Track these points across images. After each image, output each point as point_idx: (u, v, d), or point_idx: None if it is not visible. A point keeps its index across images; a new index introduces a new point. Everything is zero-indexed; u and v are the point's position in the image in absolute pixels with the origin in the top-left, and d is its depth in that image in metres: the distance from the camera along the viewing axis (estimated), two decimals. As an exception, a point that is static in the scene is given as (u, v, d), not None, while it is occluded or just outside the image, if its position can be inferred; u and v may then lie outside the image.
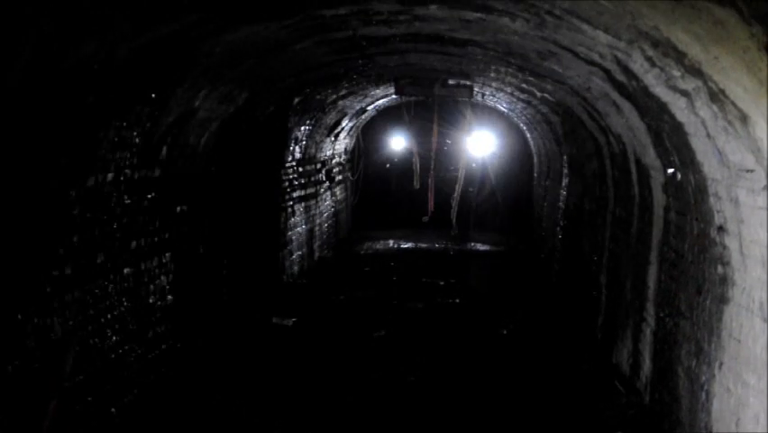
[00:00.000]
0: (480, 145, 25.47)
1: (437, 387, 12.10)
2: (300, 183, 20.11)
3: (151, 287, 11.13)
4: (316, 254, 22.57)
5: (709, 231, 7.93)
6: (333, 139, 23.10)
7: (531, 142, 24.61)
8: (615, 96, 9.90)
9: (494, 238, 26.75)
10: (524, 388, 12.03)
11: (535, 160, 25.06)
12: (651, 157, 10.02)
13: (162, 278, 11.46)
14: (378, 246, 25.93)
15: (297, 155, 19.45)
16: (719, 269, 7.66)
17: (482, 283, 20.42)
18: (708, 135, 7.19)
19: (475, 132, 24.01)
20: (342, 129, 23.61)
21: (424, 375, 12.59)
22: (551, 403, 11.41)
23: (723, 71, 6.04)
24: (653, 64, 7.46)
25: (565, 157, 18.58)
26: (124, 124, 9.42)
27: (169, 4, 7.49)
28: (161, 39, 8.30)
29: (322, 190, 23.05)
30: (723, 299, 7.55)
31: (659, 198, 10.18)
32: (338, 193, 25.46)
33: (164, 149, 10.92)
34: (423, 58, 14.07)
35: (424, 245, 25.94)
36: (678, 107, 7.66)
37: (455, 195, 23.23)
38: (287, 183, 18.62)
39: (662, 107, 8.12)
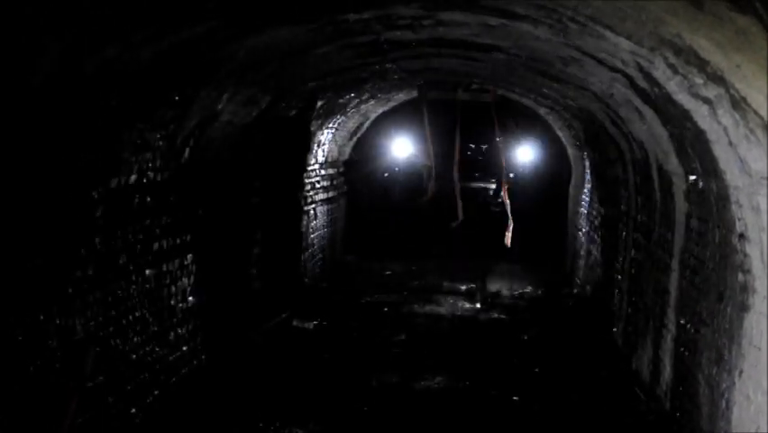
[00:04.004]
0: (509, 150, 25.04)
1: (457, 392, 12.10)
2: (323, 186, 20.13)
3: (173, 288, 11.18)
4: (338, 257, 22.58)
5: (731, 238, 7.91)
6: (354, 143, 23.10)
7: (568, 150, 23.55)
8: (637, 102, 9.88)
9: (518, 244, 26.50)
10: (544, 393, 12.01)
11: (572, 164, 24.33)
12: (673, 164, 10.00)
13: (184, 279, 11.51)
14: (399, 251, 25.87)
15: (320, 158, 19.48)
16: (740, 277, 7.64)
17: (504, 288, 20.39)
18: (730, 143, 7.18)
19: (504, 135, 23.65)
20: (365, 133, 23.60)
21: (443, 380, 12.59)
22: (571, 408, 11.39)
23: (745, 79, 6.03)
24: (675, 71, 7.45)
25: (587, 162, 18.55)
26: (148, 126, 9.47)
27: (193, 8, 7.53)
28: (185, 42, 8.34)
29: (344, 194, 23.06)
30: (744, 307, 7.53)
31: (681, 205, 10.15)
32: (359, 197, 25.42)
33: (187, 151, 10.97)
34: (446, 62, 14.06)
35: (445, 257, 25.80)
36: (700, 115, 7.65)
37: (501, 198, 22.76)
38: (309, 186, 18.65)
39: (685, 114, 8.11)
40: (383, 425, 10.79)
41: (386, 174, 26.26)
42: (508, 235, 20.37)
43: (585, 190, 19.34)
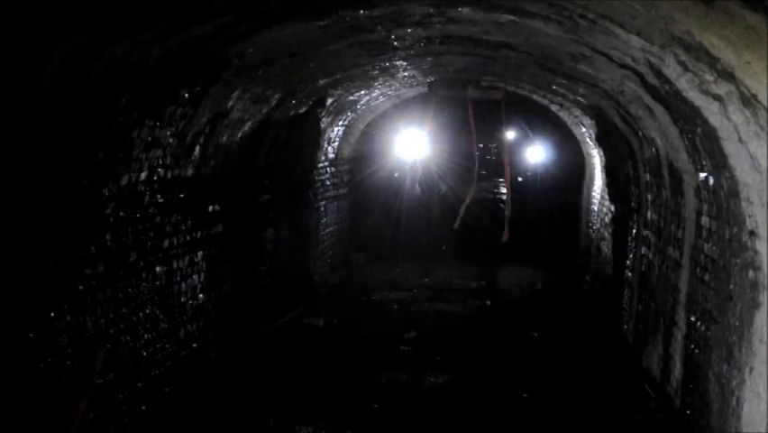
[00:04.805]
0: (520, 147, 24.88)
1: (467, 389, 12.10)
2: (333, 183, 20.14)
3: (183, 286, 11.20)
4: (347, 254, 22.56)
5: (741, 235, 7.90)
6: (364, 140, 23.06)
7: (581, 146, 23.02)
8: (648, 99, 9.87)
9: (529, 241, 26.35)
10: (554, 390, 12.00)
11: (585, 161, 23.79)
12: (683, 161, 9.98)
13: (194, 277, 11.53)
14: (409, 249, 25.80)
15: (330, 155, 19.48)
16: (750, 273, 7.62)
17: (514, 286, 20.37)
18: (741, 140, 7.17)
19: (513, 132, 23.51)
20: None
21: (453, 378, 12.59)
22: (581, 406, 11.38)
23: (755, 76, 6.02)
24: (685, 68, 7.44)
25: (598, 160, 18.52)
26: (158, 123, 9.48)
27: (201, 5, 7.53)
28: (194, 40, 8.35)
29: (353, 191, 23.03)
30: (754, 304, 7.52)
31: (691, 202, 10.13)
32: (369, 194, 25.37)
33: (197, 149, 10.98)
34: (456, 59, 14.06)
35: (455, 254, 25.66)
36: (710, 112, 7.64)
37: (506, 199, 22.50)
38: (319, 183, 18.65)
39: (695, 111, 8.10)
40: (393, 422, 10.79)
41: (396, 174, 26.15)
42: (506, 232, 20.27)
43: (596, 188, 19.32)
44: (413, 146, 25.26)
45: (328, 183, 19.67)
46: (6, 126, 6.80)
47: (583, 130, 18.90)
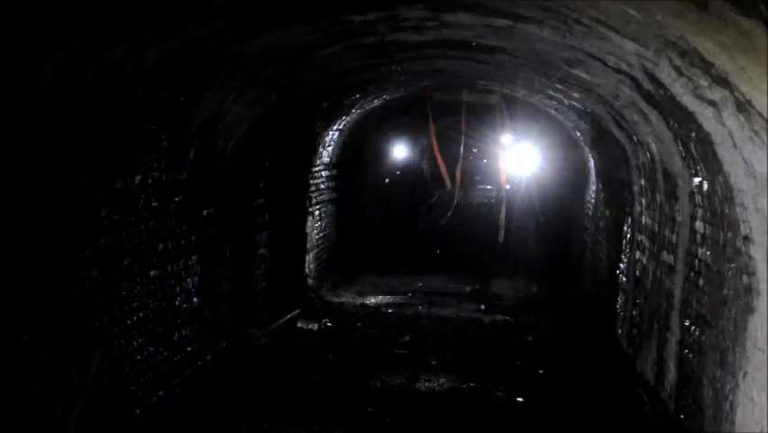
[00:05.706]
0: (514, 151, 24.73)
1: (462, 393, 12.10)
2: (328, 187, 20.12)
3: (177, 289, 11.18)
4: (342, 258, 22.54)
5: (735, 241, 7.90)
6: (358, 144, 23.02)
7: (576, 150, 22.60)
8: (642, 104, 9.88)
9: (523, 246, 26.29)
10: (548, 394, 12.00)
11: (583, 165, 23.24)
12: (678, 166, 9.99)
13: (188, 280, 11.51)
14: (404, 253, 25.79)
15: (325, 159, 19.46)
16: (744, 279, 7.63)
17: (509, 290, 20.36)
18: (735, 145, 7.18)
19: (510, 136, 23.40)
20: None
21: (447, 381, 12.59)
22: (575, 410, 11.38)
23: (749, 81, 6.03)
24: (680, 73, 7.45)
25: (593, 164, 18.52)
26: (153, 126, 9.47)
27: (199, 7, 7.53)
28: (191, 42, 8.35)
29: (347, 195, 23.01)
30: (748, 309, 7.52)
31: (685, 207, 10.14)
32: (364, 198, 25.37)
33: (192, 152, 10.97)
34: (451, 64, 14.06)
35: (449, 259, 25.64)
36: (705, 117, 7.64)
37: (503, 204, 22.42)
38: (314, 187, 18.63)
39: (689, 116, 8.10)
40: (387, 426, 10.78)
41: (386, 180, 26.12)
42: (501, 233, 20.32)
43: (591, 192, 19.31)
44: (408, 150, 25.29)
45: (323, 187, 19.66)
46: (6, 126, 6.79)
47: (578, 134, 18.88)
